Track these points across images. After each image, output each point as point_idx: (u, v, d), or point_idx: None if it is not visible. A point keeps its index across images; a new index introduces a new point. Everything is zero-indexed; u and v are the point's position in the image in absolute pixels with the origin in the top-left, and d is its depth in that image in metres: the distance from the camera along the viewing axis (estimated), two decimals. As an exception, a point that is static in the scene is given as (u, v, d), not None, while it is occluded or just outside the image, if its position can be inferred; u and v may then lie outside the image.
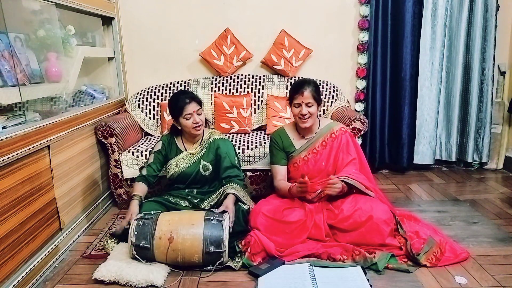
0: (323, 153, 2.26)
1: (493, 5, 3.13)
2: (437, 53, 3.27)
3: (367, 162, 2.35)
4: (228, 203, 2.09)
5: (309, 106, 2.20)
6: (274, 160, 2.35)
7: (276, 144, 2.34)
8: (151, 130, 3.11)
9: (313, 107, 2.21)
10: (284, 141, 2.33)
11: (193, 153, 2.30)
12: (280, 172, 2.32)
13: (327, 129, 2.31)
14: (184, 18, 3.29)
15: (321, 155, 2.26)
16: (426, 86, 3.32)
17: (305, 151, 2.28)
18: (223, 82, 3.22)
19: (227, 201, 2.11)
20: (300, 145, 2.31)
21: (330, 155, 2.26)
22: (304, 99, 2.19)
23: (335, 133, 2.28)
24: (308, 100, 2.19)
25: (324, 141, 2.28)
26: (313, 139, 2.30)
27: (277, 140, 2.34)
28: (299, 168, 2.28)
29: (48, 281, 1.91)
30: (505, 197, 2.80)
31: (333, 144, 2.26)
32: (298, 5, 3.28)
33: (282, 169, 2.33)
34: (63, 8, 2.38)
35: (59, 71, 2.24)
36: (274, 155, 2.35)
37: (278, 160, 2.33)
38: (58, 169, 2.13)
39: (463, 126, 3.40)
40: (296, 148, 2.31)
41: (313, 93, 2.20)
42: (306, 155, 2.28)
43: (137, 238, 1.89)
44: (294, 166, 2.30)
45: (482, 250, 2.06)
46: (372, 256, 1.93)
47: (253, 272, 1.88)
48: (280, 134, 2.36)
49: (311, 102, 2.19)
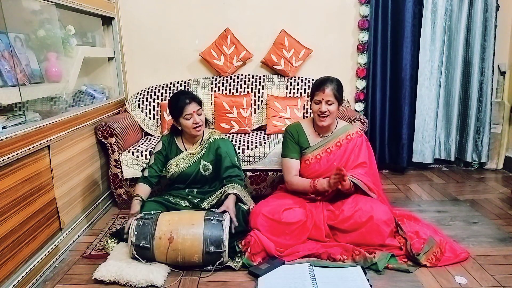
0: (336, 153, 2.24)
1: (492, 5, 3.14)
2: (436, 53, 3.27)
3: (376, 167, 2.34)
4: (229, 203, 2.09)
5: (329, 104, 2.17)
6: (288, 153, 2.29)
7: (292, 136, 2.30)
8: (151, 130, 3.11)
9: (333, 106, 2.18)
10: (300, 135, 2.30)
11: (193, 153, 2.29)
12: (294, 166, 2.27)
13: (343, 130, 2.29)
14: (184, 18, 3.29)
15: (335, 155, 2.24)
16: (425, 86, 3.32)
17: (319, 150, 2.26)
18: (223, 82, 3.22)
19: (227, 201, 2.11)
20: (315, 143, 2.28)
21: (343, 156, 2.24)
22: (325, 96, 2.17)
23: (351, 135, 2.27)
24: (328, 98, 2.17)
25: (339, 142, 2.26)
26: (329, 138, 2.28)
27: (293, 133, 2.30)
28: (310, 166, 2.25)
29: (48, 281, 1.91)
30: (505, 197, 2.80)
31: (348, 146, 2.25)
32: (298, 5, 3.28)
33: (296, 164, 2.28)
34: (63, 8, 2.38)
35: (59, 71, 2.24)
36: (288, 148, 2.30)
37: (292, 153, 2.28)
38: (58, 169, 2.13)
39: (462, 126, 3.41)
40: (310, 145, 2.28)
41: (335, 92, 2.18)
42: (320, 153, 2.25)
43: (137, 238, 1.89)
44: (305, 163, 2.28)
45: (482, 250, 2.06)
46: (372, 256, 1.93)
47: (253, 272, 1.88)
48: (296, 128, 2.33)
49: (331, 100, 2.17)
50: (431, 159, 3.42)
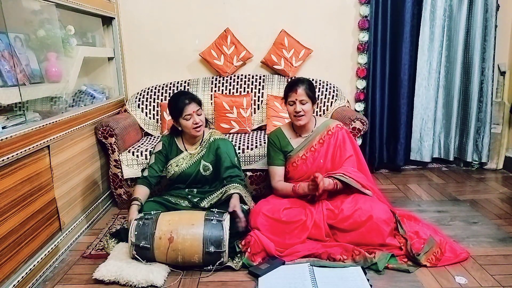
0: (320, 150, 2.27)
1: (493, 5, 3.14)
2: (435, 53, 3.27)
3: (363, 159, 2.35)
4: (236, 202, 2.09)
5: (303, 103, 2.21)
6: (271, 161, 2.35)
7: (274, 144, 2.34)
8: (151, 130, 3.11)
9: (307, 105, 2.22)
10: (282, 141, 2.33)
11: (193, 153, 2.30)
12: (277, 173, 2.33)
13: (323, 126, 2.31)
14: (184, 18, 3.29)
15: (319, 153, 2.26)
16: (423, 86, 3.32)
17: (303, 150, 2.29)
18: (223, 82, 3.22)
19: (233, 200, 2.10)
20: (297, 144, 2.31)
21: (327, 152, 2.26)
22: (297, 96, 2.20)
23: (331, 130, 2.29)
24: (301, 98, 2.20)
25: (321, 138, 2.28)
26: (310, 137, 2.30)
27: (274, 141, 2.34)
28: (298, 167, 2.28)
29: (48, 281, 1.91)
30: (505, 197, 2.80)
31: (330, 141, 2.27)
32: (298, 5, 3.28)
33: (280, 170, 2.33)
34: (63, 8, 2.38)
35: (59, 71, 2.24)
36: (271, 156, 2.35)
37: (275, 160, 2.33)
38: (58, 169, 2.13)
39: (462, 125, 3.41)
40: (293, 148, 2.31)
41: (307, 91, 2.21)
42: (304, 153, 2.28)
43: (137, 238, 1.89)
44: (292, 166, 2.30)
45: (482, 250, 2.06)
46: (372, 256, 1.93)
47: (253, 272, 1.88)
48: (277, 134, 2.37)
49: (304, 99, 2.20)
50: (429, 157, 3.42)
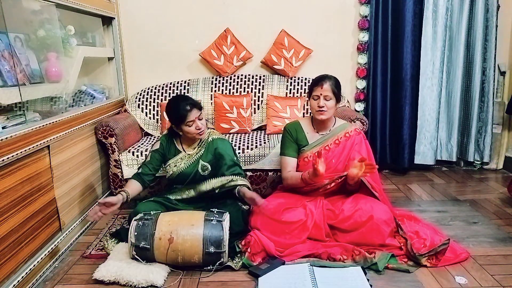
0: (335, 151, 2.26)
1: (493, 5, 3.13)
2: (438, 52, 3.26)
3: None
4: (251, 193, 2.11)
5: (327, 99, 2.19)
6: (285, 151, 2.33)
7: (290, 135, 2.32)
8: (151, 130, 3.11)
9: (331, 102, 2.20)
10: (298, 133, 2.32)
11: (192, 153, 2.29)
12: (290, 163, 2.30)
13: (341, 128, 2.30)
14: (184, 18, 3.29)
15: (333, 152, 2.25)
16: (427, 86, 3.31)
17: (317, 147, 2.26)
18: (223, 82, 3.22)
19: (248, 192, 2.13)
20: (313, 140, 2.30)
21: (341, 154, 2.25)
22: (323, 91, 2.19)
23: (349, 133, 2.28)
24: (326, 93, 2.19)
25: (338, 139, 2.27)
26: (327, 136, 2.29)
27: (291, 131, 2.32)
28: (309, 163, 2.26)
29: (48, 281, 1.91)
30: (505, 197, 2.80)
31: (346, 143, 2.26)
32: (298, 5, 3.27)
33: (292, 161, 2.31)
34: (63, 8, 2.38)
35: (59, 71, 2.24)
36: (286, 146, 2.33)
37: (289, 151, 2.31)
38: (58, 169, 2.13)
39: (464, 125, 3.40)
40: (309, 143, 2.30)
41: (333, 87, 2.20)
42: (318, 151, 2.27)
43: (137, 239, 1.89)
44: (304, 161, 2.29)
45: (482, 250, 2.06)
46: (372, 256, 1.93)
47: (253, 272, 1.88)
48: (295, 126, 2.35)
49: (329, 95, 2.19)
50: (433, 160, 3.40)
